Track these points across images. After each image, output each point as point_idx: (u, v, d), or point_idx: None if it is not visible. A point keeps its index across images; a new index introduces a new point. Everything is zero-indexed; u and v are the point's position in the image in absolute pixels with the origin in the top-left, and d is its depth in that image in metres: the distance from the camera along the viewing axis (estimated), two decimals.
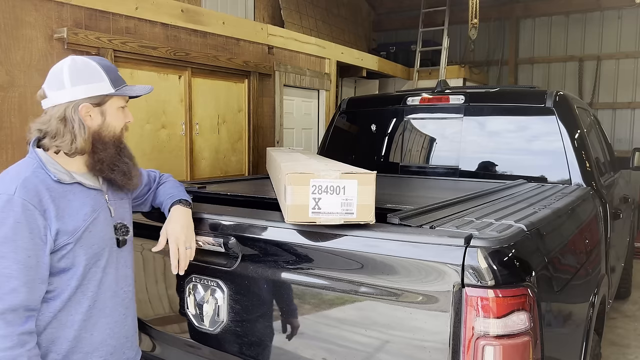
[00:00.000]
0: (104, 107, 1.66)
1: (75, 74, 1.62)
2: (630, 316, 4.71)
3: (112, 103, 1.68)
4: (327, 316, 1.78)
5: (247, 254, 1.92)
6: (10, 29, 3.43)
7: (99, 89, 1.63)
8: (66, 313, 1.62)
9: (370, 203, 1.67)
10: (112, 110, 1.68)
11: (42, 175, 1.57)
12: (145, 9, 4.25)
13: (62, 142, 1.60)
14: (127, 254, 1.81)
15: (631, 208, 4.55)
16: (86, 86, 1.61)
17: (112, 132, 1.69)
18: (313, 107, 6.82)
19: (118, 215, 1.77)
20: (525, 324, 1.52)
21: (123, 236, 1.76)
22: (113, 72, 1.68)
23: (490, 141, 3.50)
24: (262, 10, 6.62)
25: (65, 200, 1.59)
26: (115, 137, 1.70)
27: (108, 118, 1.67)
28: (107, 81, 1.64)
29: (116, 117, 1.69)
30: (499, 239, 1.56)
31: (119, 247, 1.75)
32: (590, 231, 2.63)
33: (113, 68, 1.70)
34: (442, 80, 3.94)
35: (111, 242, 1.72)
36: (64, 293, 1.60)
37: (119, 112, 1.71)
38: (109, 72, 1.66)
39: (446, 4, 8.39)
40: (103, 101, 1.65)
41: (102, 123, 1.66)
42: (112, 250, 1.72)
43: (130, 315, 1.83)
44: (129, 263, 1.82)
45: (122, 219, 1.78)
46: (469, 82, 8.67)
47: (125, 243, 1.78)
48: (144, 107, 4.33)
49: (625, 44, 8.72)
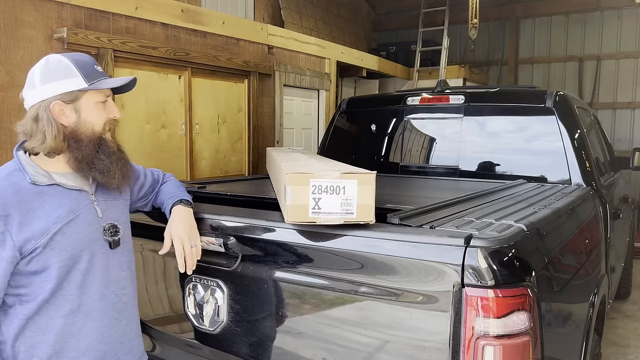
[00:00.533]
0: (79, 104, 1.60)
1: (46, 72, 1.58)
2: (630, 316, 4.71)
3: (88, 99, 1.61)
4: (327, 316, 1.78)
5: (247, 254, 1.92)
6: (10, 29, 3.43)
7: (70, 84, 1.57)
8: (45, 317, 1.58)
9: (370, 203, 1.67)
10: (87, 106, 1.61)
11: (16, 179, 1.54)
12: (145, 9, 4.25)
13: (35, 142, 1.57)
14: (122, 255, 1.74)
15: (631, 208, 4.55)
16: (56, 83, 1.57)
17: (89, 129, 1.62)
18: (313, 107, 6.82)
19: (109, 216, 1.70)
20: (525, 324, 1.52)
21: (112, 237, 1.68)
22: (88, 66, 1.62)
23: (490, 141, 3.50)
24: (262, 10, 6.62)
25: (38, 203, 1.54)
26: (94, 134, 1.63)
27: (84, 115, 1.61)
28: (79, 76, 1.58)
29: (94, 113, 1.62)
30: (499, 239, 1.56)
31: (111, 248, 1.69)
32: (590, 231, 2.63)
33: (89, 62, 1.64)
34: (442, 80, 3.94)
35: (96, 244, 1.65)
36: (39, 296, 1.55)
37: (97, 107, 1.64)
38: (83, 67, 1.60)
39: (446, 4, 8.39)
40: (77, 97, 1.59)
41: (78, 120, 1.60)
42: (98, 253, 1.65)
43: (125, 319, 1.75)
44: (123, 265, 1.75)
45: (114, 220, 1.71)
46: (469, 82, 8.67)
47: (118, 244, 1.71)
48: (144, 107, 4.33)
49: (625, 44, 8.72)
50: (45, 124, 1.56)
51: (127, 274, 1.77)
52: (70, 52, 1.67)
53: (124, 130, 4.16)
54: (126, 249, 1.78)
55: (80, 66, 1.60)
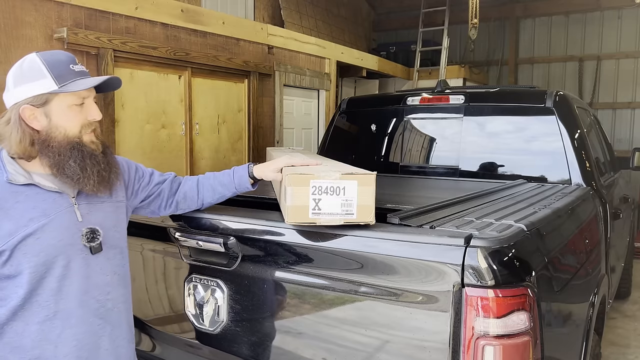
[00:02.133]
0: (49, 107, 1.51)
1: (18, 74, 1.52)
2: (630, 316, 4.71)
3: (60, 101, 1.51)
4: (327, 316, 1.78)
5: (247, 254, 1.92)
6: (10, 29, 3.43)
7: (39, 87, 1.48)
8: (22, 322, 1.53)
9: (370, 204, 1.67)
10: (59, 110, 1.51)
11: None
12: (145, 9, 4.25)
13: (6, 145, 1.52)
14: (106, 260, 1.65)
15: (631, 208, 4.54)
16: (26, 86, 1.49)
17: (62, 133, 1.52)
18: (313, 107, 6.82)
19: (90, 220, 1.60)
20: (525, 324, 1.52)
21: (89, 243, 1.58)
22: (61, 66, 1.51)
23: (490, 141, 3.50)
24: (262, 10, 6.61)
25: (11, 203, 1.48)
26: (67, 139, 1.53)
27: (54, 119, 1.52)
28: (49, 78, 1.48)
29: (67, 116, 1.53)
30: (499, 239, 1.56)
31: (93, 253, 1.59)
32: (590, 231, 2.63)
33: (63, 61, 1.53)
34: (442, 80, 3.93)
35: (74, 249, 1.56)
36: (12, 301, 1.50)
37: (72, 110, 1.54)
38: (54, 68, 1.50)
39: (446, 4, 8.39)
40: (47, 101, 1.50)
41: (49, 124, 1.51)
42: (77, 258, 1.57)
43: (110, 324, 1.67)
44: (107, 270, 1.65)
45: (96, 224, 1.61)
46: (469, 82, 8.67)
47: (100, 250, 1.61)
48: (144, 107, 4.33)
49: (625, 44, 8.72)
50: (12, 128, 1.50)
51: (112, 279, 1.68)
52: (48, 51, 1.58)
53: (124, 130, 4.17)
54: (113, 252, 1.68)
55: (52, 67, 1.50)
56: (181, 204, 2.00)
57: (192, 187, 2.00)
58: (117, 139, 4.08)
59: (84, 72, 1.57)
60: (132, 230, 2.10)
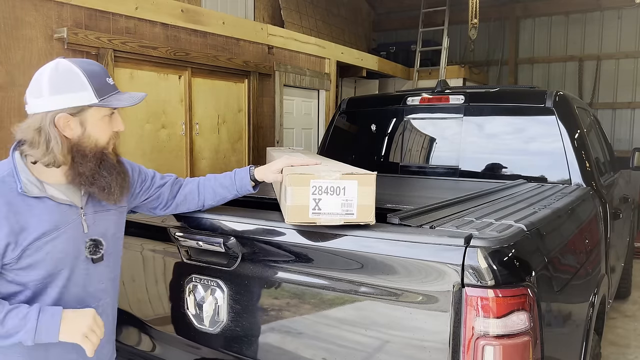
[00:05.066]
0: (84, 117, 1.53)
1: (55, 81, 1.50)
2: (630, 316, 4.71)
3: (95, 113, 1.54)
4: (327, 316, 1.78)
5: (247, 254, 1.92)
6: (10, 29, 3.43)
7: (80, 99, 1.50)
8: None
9: (370, 204, 1.67)
10: (93, 120, 1.55)
11: (7, 184, 1.49)
12: (145, 9, 4.25)
13: (36, 152, 1.50)
14: (105, 268, 1.69)
15: (631, 208, 4.54)
16: (66, 96, 1.49)
17: (93, 143, 1.56)
18: (313, 107, 6.82)
19: (95, 230, 1.64)
20: (525, 324, 1.52)
21: (92, 255, 1.62)
22: (99, 78, 1.55)
23: (490, 141, 3.50)
24: (262, 10, 6.62)
25: (26, 215, 1.49)
26: (97, 149, 1.57)
27: (89, 128, 1.54)
28: (90, 90, 1.51)
29: (99, 127, 1.56)
30: (499, 239, 1.56)
31: (94, 263, 1.63)
32: (590, 231, 2.63)
33: (100, 73, 1.57)
34: (442, 80, 3.93)
35: (78, 260, 1.60)
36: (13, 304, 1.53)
37: (103, 121, 1.58)
38: (94, 80, 1.53)
39: (446, 4, 8.39)
40: (84, 110, 1.52)
41: (82, 134, 1.54)
42: (79, 268, 1.60)
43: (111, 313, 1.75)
44: (103, 277, 1.69)
45: (99, 234, 1.65)
46: (469, 82, 8.67)
47: (102, 260, 1.66)
48: (144, 107, 4.33)
49: (625, 44, 8.72)
50: (50, 137, 1.49)
51: (106, 286, 1.71)
52: (80, 60, 1.61)
53: (124, 130, 4.16)
54: (112, 259, 1.72)
55: (92, 79, 1.52)
56: (181, 206, 2.01)
57: (193, 190, 2.01)
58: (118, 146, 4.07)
59: (115, 86, 1.61)
60: (132, 230, 2.10)
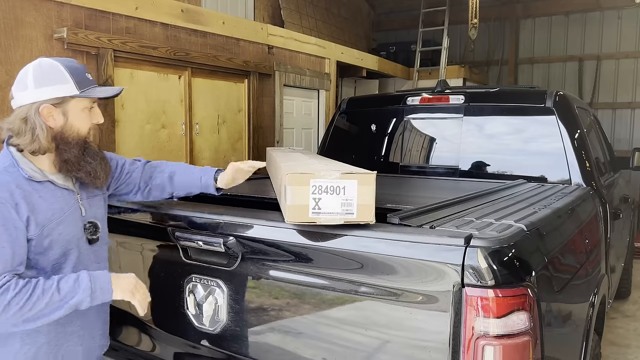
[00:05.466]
0: (66, 108, 1.68)
1: (39, 75, 1.65)
2: (630, 316, 4.71)
3: (76, 104, 1.69)
4: (327, 316, 1.78)
5: (247, 254, 1.92)
6: (10, 29, 3.43)
7: (62, 90, 1.65)
8: None
9: (370, 203, 1.67)
10: (75, 110, 1.70)
11: (14, 173, 1.63)
12: (145, 9, 4.25)
13: (22, 140, 1.63)
14: (99, 248, 1.86)
15: (631, 208, 4.55)
16: (49, 87, 1.64)
17: (75, 132, 1.70)
18: (313, 107, 6.82)
19: (90, 214, 1.81)
20: (525, 324, 1.52)
21: (91, 236, 1.80)
22: (79, 73, 1.69)
23: (490, 141, 3.50)
24: (262, 10, 6.61)
25: (35, 198, 1.63)
26: (79, 138, 1.71)
27: (71, 119, 1.69)
28: (71, 83, 1.66)
29: (80, 118, 1.71)
30: (499, 238, 1.56)
31: (90, 244, 1.80)
32: (590, 231, 2.63)
33: (80, 69, 1.71)
34: (442, 80, 3.94)
35: (80, 241, 1.76)
36: None
37: (84, 113, 1.72)
38: (75, 74, 1.68)
39: (446, 4, 8.39)
40: (66, 102, 1.67)
41: (65, 124, 1.68)
42: (82, 249, 1.76)
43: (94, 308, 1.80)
44: (100, 257, 1.86)
45: (94, 217, 1.82)
46: (469, 82, 8.67)
47: (97, 241, 1.83)
48: (144, 107, 4.33)
49: (625, 44, 8.72)
50: (36, 125, 1.63)
51: (99, 267, 1.85)
52: (62, 58, 1.75)
53: (124, 130, 4.17)
54: (102, 242, 1.88)
55: (73, 72, 1.68)
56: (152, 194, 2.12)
57: (165, 183, 2.12)
58: (117, 139, 4.08)
59: (94, 81, 1.76)
60: (132, 230, 2.10)
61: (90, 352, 1.87)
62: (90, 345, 1.86)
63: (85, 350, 1.83)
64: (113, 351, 2.47)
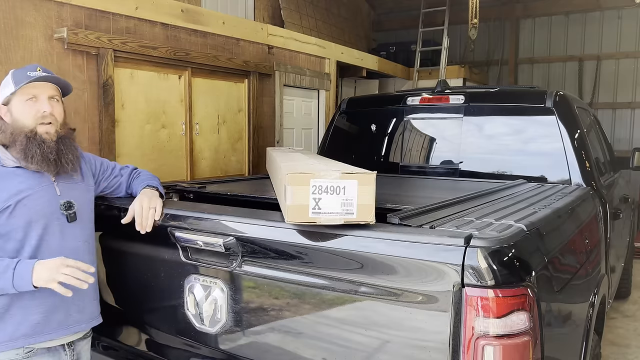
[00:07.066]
0: (11, 105, 1.98)
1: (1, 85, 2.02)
2: (630, 316, 4.71)
3: (16, 99, 1.97)
4: (327, 316, 1.78)
5: (247, 254, 1.92)
6: (10, 29, 3.43)
7: (6, 91, 1.98)
8: None
9: (370, 203, 1.67)
10: (17, 105, 1.97)
11: None
12: (145, 9, 4.25)
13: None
14: (79, 229, 2.06)
15: (631, 208, 4.55)
16: (1, 92, 2.01)
17: (21, 125, 1.96)
18: (313, 107, 6.82)
19: (67, 195, 2.03)
20: (525, 324, 1.52)
21: (66, 211, 2.00)
22: (21, 74, 1.97)
23: (490, 141, 3.50)
24: (262, 10, 6.61)
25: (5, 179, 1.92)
26: (25, 129, 1.95)
27: (15, 114, 1.97)
28: (11, 84, 1.97)
29: (22, 110, 1.97)
30: (499, 238, 1.56)
31: (69, 221, 2.01)
32: (590, 231, 2.63)
33: (23, 71, 1.98)
34: (442, 80, 3.93)
35: (53, 216, 1.98)
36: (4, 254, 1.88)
37: (26, 104, 1.97)
38: (16, 76, 1.97)
39: (446, 4, 8.39)
40: (9, 100, 1.98)
41: (12, 118, 1.98)
42: (55, 223, 1.98)
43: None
44: (78, 237, 2.05)
45: (70, 198, 2.04)
46: (469, 82, 8.67)
47: (75, 219, 2.03)
48: (144, 107, 4.33)
49: (625, 44, 8.72)
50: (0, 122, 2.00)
51: (83, 246, 2.07)
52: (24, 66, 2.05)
53: (124, 130, 4.17)
54: (84, 225, 2.10)
55: (15, 76, 1.98)
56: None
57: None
58: (117, 139, 4.08)
59: (42, 76, 1.99)
60: (132, 230, 2.10)
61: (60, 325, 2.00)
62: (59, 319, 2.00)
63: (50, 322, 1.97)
64: (113, 351, 2.47)
